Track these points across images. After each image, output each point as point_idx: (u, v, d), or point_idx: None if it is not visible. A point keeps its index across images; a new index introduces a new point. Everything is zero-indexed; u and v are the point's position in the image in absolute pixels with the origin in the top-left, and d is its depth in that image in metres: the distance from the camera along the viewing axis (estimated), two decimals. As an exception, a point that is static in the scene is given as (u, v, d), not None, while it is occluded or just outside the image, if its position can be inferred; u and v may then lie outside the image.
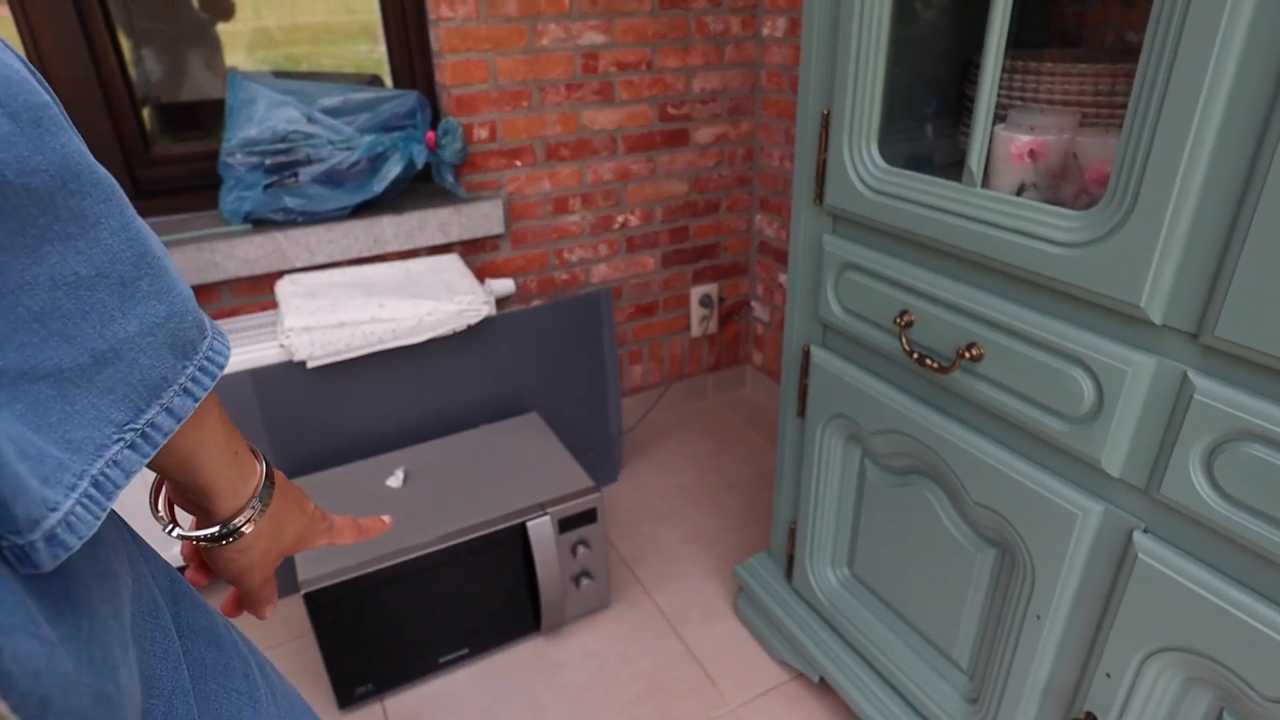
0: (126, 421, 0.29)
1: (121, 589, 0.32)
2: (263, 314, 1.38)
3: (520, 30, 1.46)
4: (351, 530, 0.49)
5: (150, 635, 0.35)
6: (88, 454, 0.28)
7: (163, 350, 0.31)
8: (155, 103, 1.38)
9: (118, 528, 0.36)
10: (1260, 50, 0.51)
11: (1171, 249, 0.58)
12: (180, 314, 0.32)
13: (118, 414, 0.29)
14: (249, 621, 1.38)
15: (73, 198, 0.27)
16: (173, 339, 0.31)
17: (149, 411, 0.30)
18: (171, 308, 0.31)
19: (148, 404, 0.30)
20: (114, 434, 0.29)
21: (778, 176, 1.79)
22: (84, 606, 0.28)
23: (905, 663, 1.01)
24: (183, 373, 0.32)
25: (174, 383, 0.31)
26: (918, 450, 0.90)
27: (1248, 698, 0.62)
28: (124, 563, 0.34)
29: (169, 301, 0.31)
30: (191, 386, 0.32)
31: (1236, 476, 0.58)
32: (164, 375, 0.31)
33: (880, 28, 0.79)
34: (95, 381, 0.28)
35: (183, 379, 0.32)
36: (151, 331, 0.30)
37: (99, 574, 0.30)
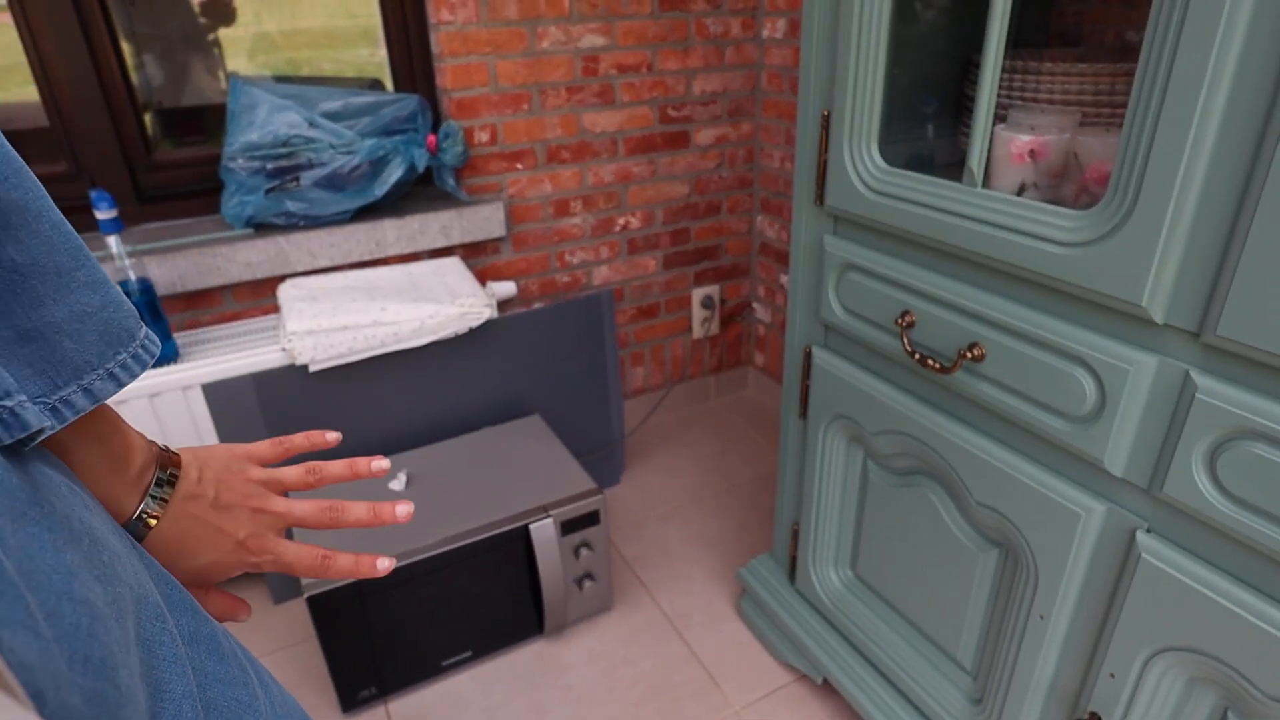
0: (39, 395, 0.31)
1: (124, 592, 0.32)
2: (265, 318, 1.39)
3: (520, 33, 1.46)
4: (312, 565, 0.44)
5: (159, 639, 0.35)
6: None
7: (91, 337, 0.32)
8: (157, 108, 1.39)
9: (120, 534, 0.36)
10: (1260, 48, 0.51)
11: (1172, 248, 0.58)
12: (115, 304, 0.33)
13: (33, 386, 0.31)
14: (255, 624, 1.38)
15: (14, 191, 0.29)
16: (105, 327, 0.33)
17: (64, 389, 0.32)
18: (106, 298, 0.33)
19: (66, 382, 0.32)
20: (24, 399, 0.30)
21: (778, 178, 1.79)
22: (85, 605, 0.28)
23: (909, 664, 1.01)
24: (112, 358, 0.33)
25: (99, 366, 0.33)
26: (920, 451, 0.90)
27: (1252, 697, 0.62)
28: (127, 567, 0.34)
29: (103, 292, 0.33)
30: (119, 372, 0.34)
31: (1239, 475, 0.58)
32: (89, 359, 0.32)
33: (880, 28, 0.79)
34: (17, 354, 0.30)
35: (110, 364, 0.33)
36: (81, 319, 0.32)
37: (100, 576, 0.30)
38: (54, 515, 0.29)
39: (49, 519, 0.29)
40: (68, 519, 0.30)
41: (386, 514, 0.46)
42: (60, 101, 1.26)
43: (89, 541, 0.31)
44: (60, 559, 0.28)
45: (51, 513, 0.29)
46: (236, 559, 0.43)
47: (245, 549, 0.43)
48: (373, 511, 0.46)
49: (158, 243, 1.30)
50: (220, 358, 1.23)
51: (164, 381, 1.19)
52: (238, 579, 1.48)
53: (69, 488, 0.32)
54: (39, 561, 0.27)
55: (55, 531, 0.29)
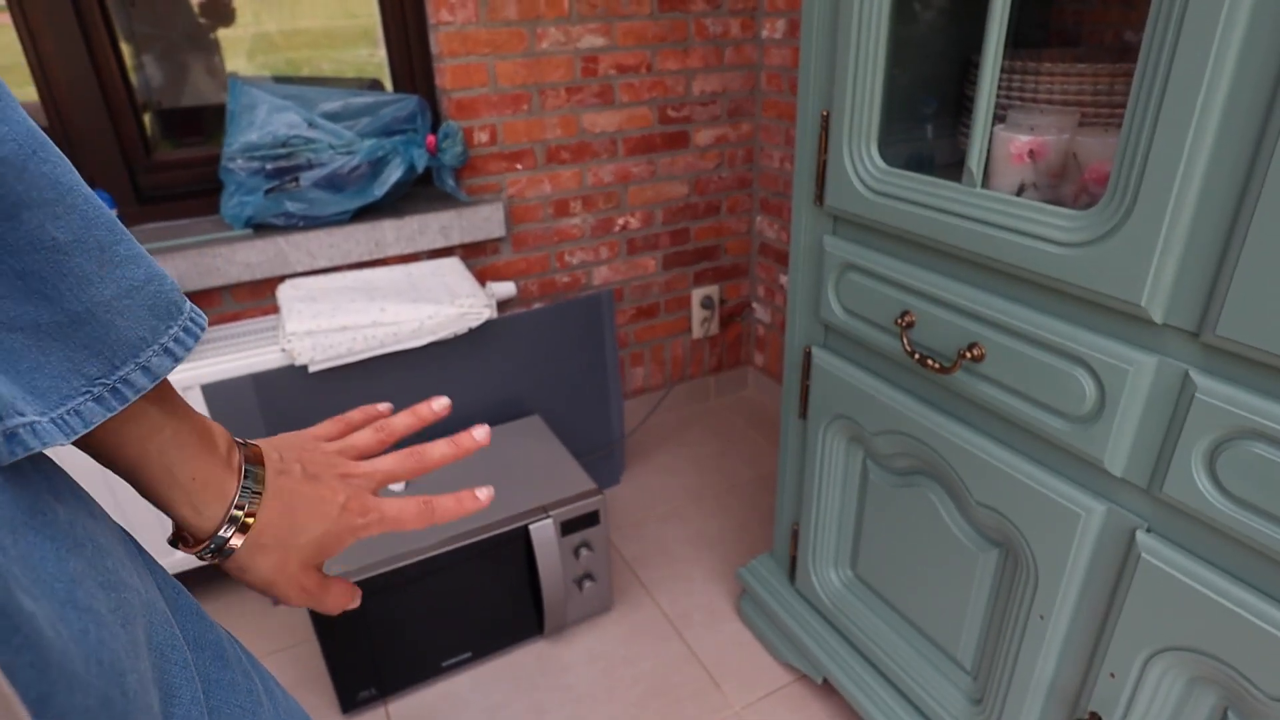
0: (98, 376, 0.30)
1: (130, 598, 0.32)
2: (264, 318, 1.39)
3: (520, 34, 1.46)
4: (418, 515, 0.44)
5: (170, 644, 0.34)
6: (50, 401, 0.29)
7: (141, 312, 0.31)
8: (156, 108, 1.39)
9: (125, 540, 0.36)
10: (1259, 48, 0.51)
11: (1172, 248, 0.58)
12: (159, 277, 0.32)
13: (91, 368, 0.30)
14: (254, 625, 1.38)
15: (45, 165, 0.28)
16: (153, 301, 0.32)
17: (124, 368, 0.31)
18: (150, 271, 0.32)
19: (124, 361, 0.31)
20: (82, 386, 0.30)
21: (778, 178, 1.79)
22: (89, 613, 0.28)
23: (909, 664, 1.01)
24: (165, 333, 0.33)
25: (154, 343, 0.32)
26: (920, 451, 0.90)
27: (1252, 697, 0.62)
28: (133, 574, 0.34)
29: (146, 266, 0.32)
30: (173, 346, 0.33)
31: (1239, 475, 0.58)
32: (142, 336, 0.32)
33: (879, 29, 0.79)
34: (72, 339, 0.29)
35: (165, 339, 0.32)
36: (129, 294, 0.31)
37: (105, 583, 0.30)
38: (56, 523, 0.29)
39: (50, 527, 0.28)
40: (70, 526, 0.30)
41: (466, 441, 0.47)
42: (59, 102, 1.26)
43: (92, 548, 0.30)
44: (63, 567, 0.28)
45: (54, 520, 0.29)
46: (345, 525, 0.42)
47: (349, 512, 0.42)
48: (453, 443, 0.47)
49: (157, 243, 1.30)
50: (220, 358, 1.23)
51: (163, 382, 1.19)
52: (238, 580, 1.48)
53: (73, 494, 0.32)
54: (41, 571, 0.26)
55: (57, 540, 0.28)
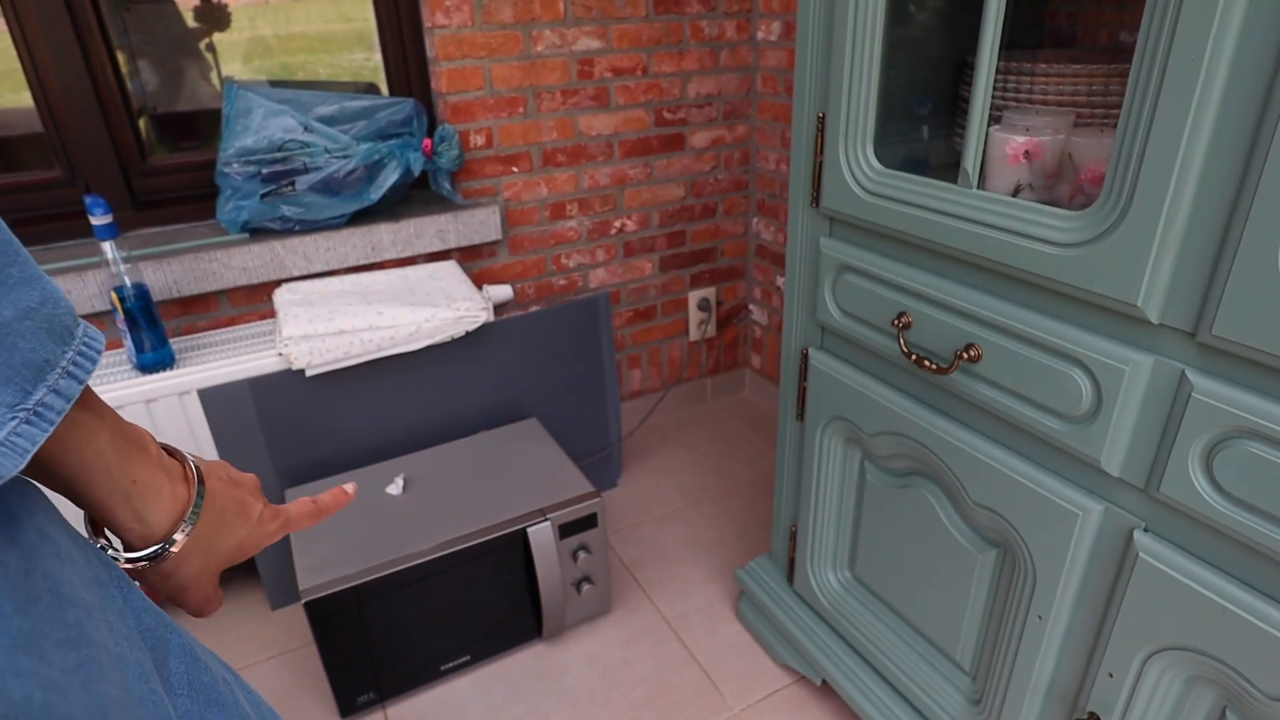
0: (16, 403, 0.30)
1: (96, 654, 0.30)
2: (261, 323, 1.38)
3: (515, 37, 1.46)
4: (308, 514, 0.48)
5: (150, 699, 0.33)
6: None
7: (40, 334, 0.31)
8: (152, 113, 1.38)
9: (99, 584, 0.34)
10: (1253, 48, 0.51)
11: (1167, 248, 0.58)
12: (53, 300, 0.32)
13: (7, 395, 0.29)
14: (252, 630, 1.38)
15: None
16: (49, 324, 0.32)
17: (37, 393, 0.31)
18: (44, 293, 0.31)
19: (34, 385, 0.31)
20: (6, 414, 0.29)
21: (774, 180, 1.80)
22: (35, 678, 0.27)
23: (908, 664, 1.01)
24: (63, 356, 0.32)
25: (56, 365, 0.32)
26: (917, 452, 0.90)
27: (1250, 696, 0.62)
28: (102, 625, 0.32)
29: (40, 288, 0.31)
30: (74, 369, 0.32)
31: (1236, 474, 0.58)
32: (46, 358, 0.31)
33: (874, 31, 0.80)
34: None
35: (64, 362, 0.32)
36: (27, 316, 0.30)
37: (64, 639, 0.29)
38: (4, 575, 0.27)
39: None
40: (26, 576, 0.28)
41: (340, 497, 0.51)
42: (55, 107, 1.26)
43: (50, 599, 0.29)
44: (4, 628, 0.26)
45: (1, 573, 0.27)
46: (262, 530, 0.44)
47: (264, 519, 0.44)
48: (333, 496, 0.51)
49: (153, 248, 1.30)
50: (216, 363, 1.23)
51: (160, 387, 1.19)
52: (236, 584, 1.48)
53: (40, 531, 0.30)
54: None
55: (4, 594, 0.27)
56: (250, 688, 0.46)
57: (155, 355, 1.20)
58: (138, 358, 1.19)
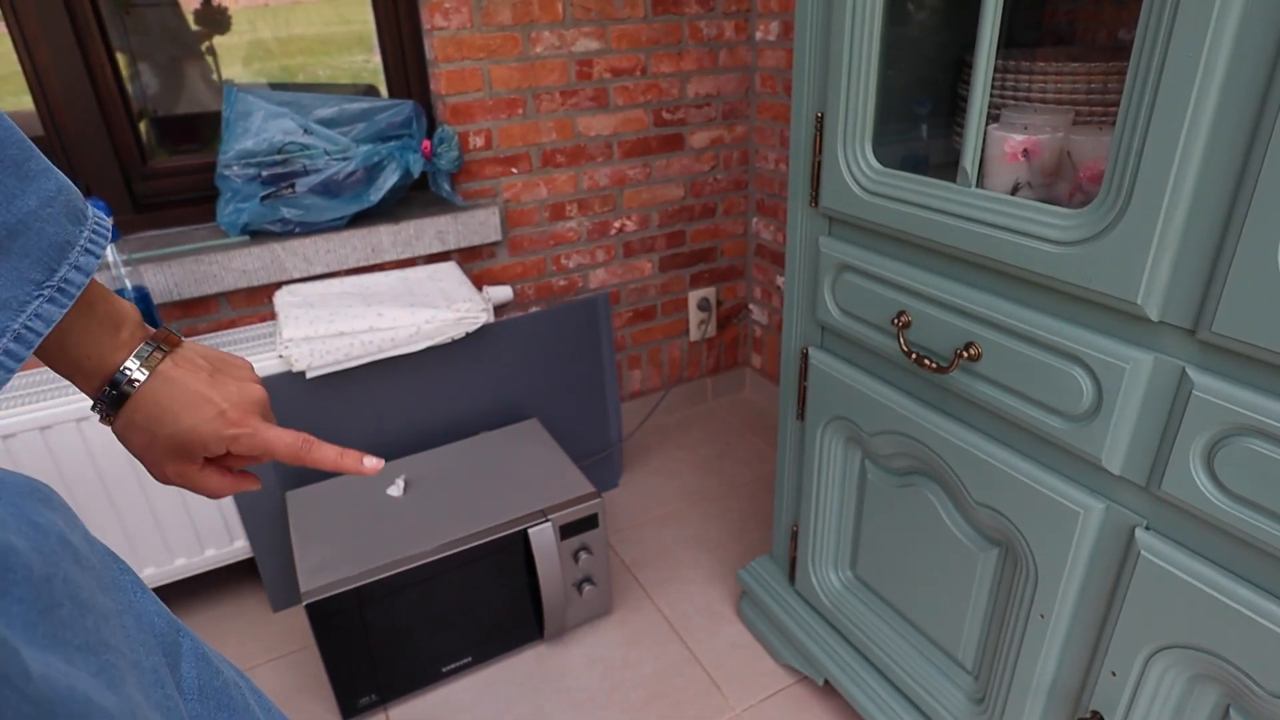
0: (43, 280, 0.34)
1: (114, 660, 0.30)
2: (261, 325, 1.39)
3: (514, 38, 1.46)
4: (291, 447, 0.45)
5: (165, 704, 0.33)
6: (12, 310, 0.32)
7: (61, 218, 0.35)
8: (152, 116, 1.39)
9: (118, 589, 0.34)
10: (1252, 44, 0.51)
11: (1167, 245, 0.58)
12: (67, 187, 0.36)
13: (35, 274, 0.34)
14: (253, 633, 1.38)
15: None
16: (68, 208, 0.35)
17: (61, 269, 0.35)
18: (59, 182, 0.35)
19: (58, 263, 0.35)
20: (34, 291, 0.33)
21: (773, 179, 1.79)
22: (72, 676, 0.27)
23: (910, 664, 1.01)
24: (81, 235, 0.36)
25: (76, 244, 0.36)
26: (918, 451, 0.90)
27: (1254, 694, 0.62)
28: (117, 630, 0.32)
29: (55, 177, 0.35)
30: (91, 246, 0.37)
31: (1237, 472, 0.58)
32: (67, 239, 0.35)
33: (872, 30, 0.80)
34: (11, 250, 0.33)
35: (82, 240, 0.36)
36: (49, 203, 0.34)
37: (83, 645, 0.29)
38: (29, 580, 0.27)
39: (20, 586, 0.27)
40: (49, 581, 0.28)
41: (351, 461, 0.47)
42: (55, 111, 1.26)
43: (71, 606, 0.29)
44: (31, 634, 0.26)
45: (27, 578, 0.27)
46: (215, 428, 0.43)
47: (225, 419, 0.43)
48: (341, 455, 0.47)
49: (153, 251, 1.30)
50: (217, 365, 1.23)
51: (160, 390, 1.19)
52: (238, 586, 1.48)
53: (60, 538, 0.31)
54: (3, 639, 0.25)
55: (26, 601, 0.27)
56: (261, 692, 0.46)
57: (156, 358, 1.20)
58: (138, 360, 1.19)
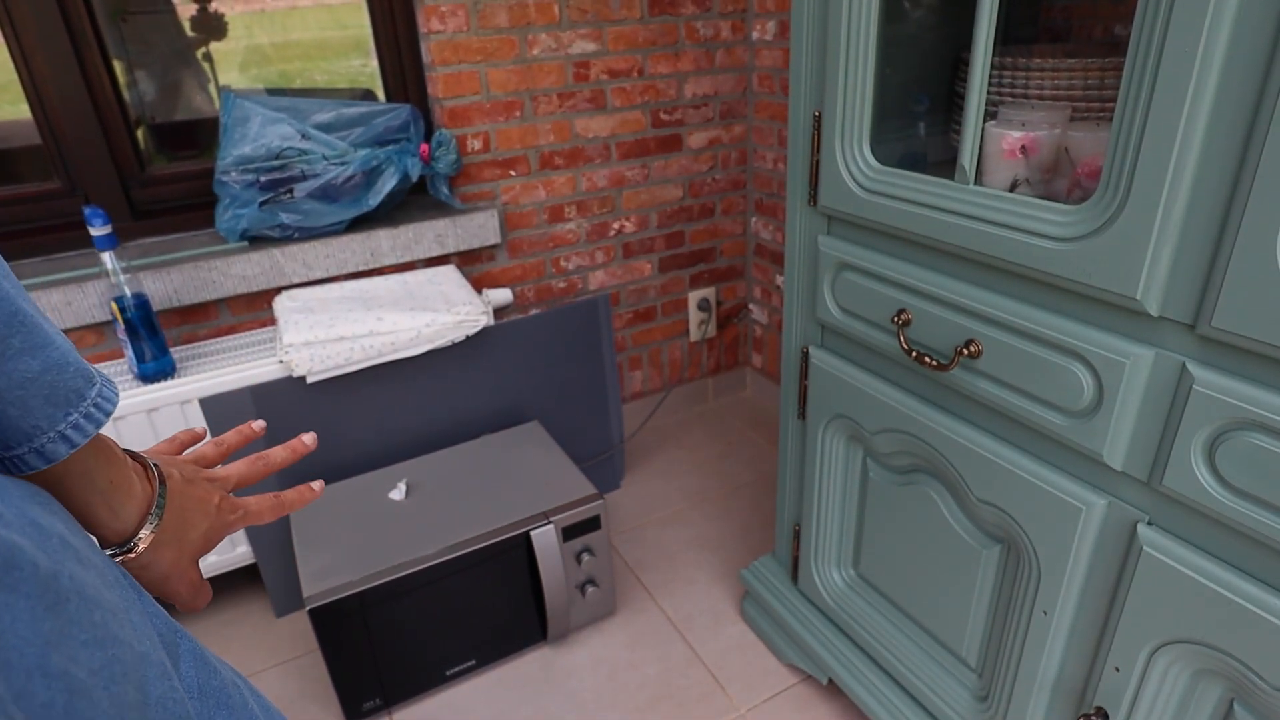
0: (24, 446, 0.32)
1: (121, 653, 0.31)
2: (261, 330, 1.39)
3: (511, 41, 1.46)
4: (269, 508, 0.50)
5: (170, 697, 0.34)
6: None
7: (35, 403, 0.32)
8: (150, 123, 1.39)
9: (120, 586, 0.35)
10: (1247, 38, 0.51)
11: (1166, 240, 0.58)
12: (59, 367, 0.33)
13: None
14: (257, 639, 1.38)
15: None
16: (50, 391, 0.33)
17: (15, 450, 0.32)
18: (47, 362, 0.32)
19: (13, 447, 0.32)
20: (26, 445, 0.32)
21: (772, 179, 1.79)
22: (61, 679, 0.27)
23: (914, 662, 1.01)
24: (62, 420, 0.33)
25: (48, 430, 0.33)
26: (919, 449, 0.89)
27: (1258, 688, 0.62)
28: (125, 624, 0.33)
29: (43, 357, 0.32)
30: (71, 433, 0.34)
31: (1238, 466, 0.58)
32: (36, 425, 0.32)
33: (869, 28, 0.80)
34: None
35: (62, 425, 0.33)
36: (22, 386, 0.31)
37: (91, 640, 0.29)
38: (35, 577, 0.28)
39: (27, 583, 0.27)
40: (55, 578, 0.29)
41: (299, 446, 0.53)
42: (53, 119, 1.26)
43: (78, 601, 0.30)
44: (37, 629, 0.27)
45: (33, 575, 0.28)
46: (221, 521, 0.46)
47: (223, 510, 0.46)
48: (289, 448, 0.53)
49: (153, 258, 1.30)
50: (217, 371, 1.23)
51: (162, 396, 1.19)
52: (240, 593, 1.48)
53: (61, 539, 0.31)
54: (10, 636, 0.26)
55: (34, 598, 0.27)
56: (261, 694, 0.47)
57: (156, 365, 1.20)
58: (139, 367, 1.19)
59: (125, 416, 1.18)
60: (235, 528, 0.47)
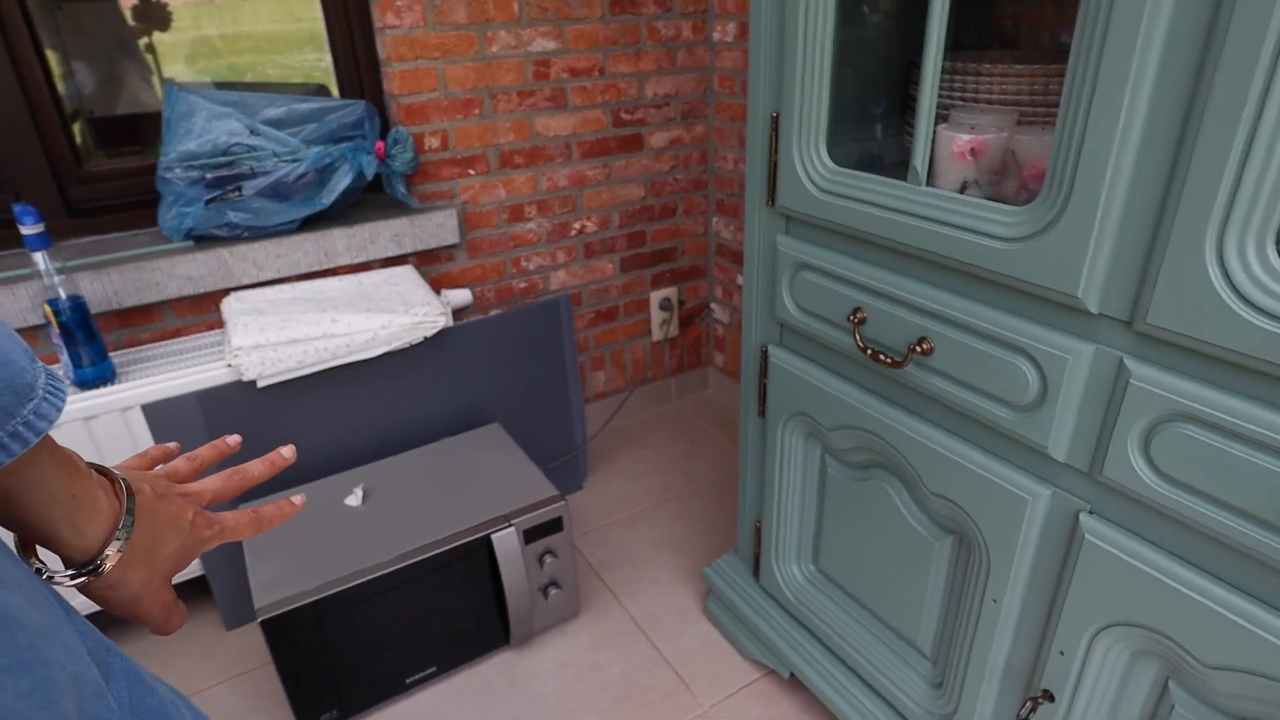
0: None
1: (53, 674, 0.30)
2: (209, 333, 1.35)
3: (469, 37, 1.45)
4: (247, 524, 0.48)
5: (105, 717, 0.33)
6: None
7: None
8: (89, 116, 1.34)
9: (49, 604, 0.33)
10: (1179, 50, 0.53)
11: (1105, 241, 0.61)
12: None
13: None
14: (207, 652, 1.34)
15: None
16: None
17: None
18: None
19: None
20: None
21: (732, 179, 1.81)
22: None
23: (872, 653, 1.03)
24: (6, 423, 0.32)
25: None
26: (875, 444, 0.91)
27: (1191, 666, 0.65)
28: (55, 645, 0.32)
29: None
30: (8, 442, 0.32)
31: (1172, 456, 0.61)
32: None
33: (825, 32, 0.81)
34: None
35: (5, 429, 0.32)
36: None
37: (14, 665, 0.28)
38: None
39: None
40: None
41: (277, 459, 0.52)
42: (-17, 112, 1.20)
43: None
44: None
45: None
46: (195, 538, 0.44)
47: (197, 526, 0.45)
48: (267, 462, 0.51)
49: (90, 258, 1.25)
50: (161, 376, 1.19)
51: (101, 403, 1.15)
52: (191, 608, 1.43)
53: None
54: None
55: None
56: (203, 713, 0.45)
57: (94, 370, 1.16)
58: (75, 373, 1.14)
59: (61, 425, 1.13)
60: (211, 544, 0.46)
